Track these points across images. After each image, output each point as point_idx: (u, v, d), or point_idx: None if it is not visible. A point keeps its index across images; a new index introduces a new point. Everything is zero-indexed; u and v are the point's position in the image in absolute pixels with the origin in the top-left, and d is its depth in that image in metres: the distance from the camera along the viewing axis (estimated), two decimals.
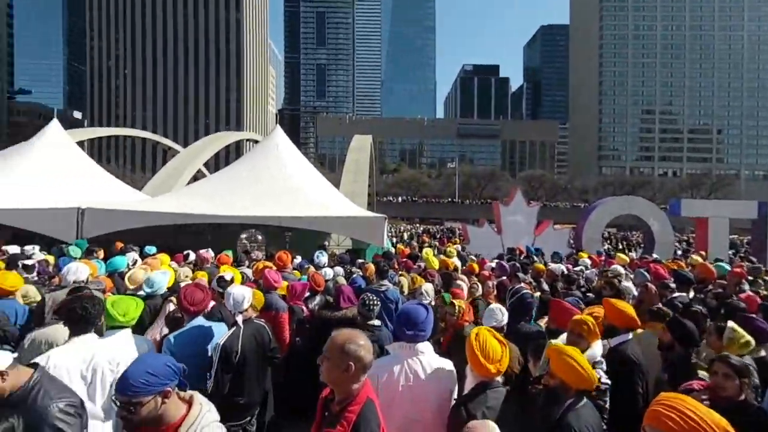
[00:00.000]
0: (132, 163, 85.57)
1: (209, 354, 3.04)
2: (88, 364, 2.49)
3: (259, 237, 10.51)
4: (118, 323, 2.78)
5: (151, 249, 7.07)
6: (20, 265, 5.18)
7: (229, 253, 6.38)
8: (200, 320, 3.19)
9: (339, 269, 5.95)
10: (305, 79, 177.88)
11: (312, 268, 6.28)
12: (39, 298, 4.04)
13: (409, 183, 78.81)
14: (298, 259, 7.21)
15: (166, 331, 3.54)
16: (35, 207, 8.48)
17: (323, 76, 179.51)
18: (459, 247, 12.11)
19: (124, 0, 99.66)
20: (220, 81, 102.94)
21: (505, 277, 5.74)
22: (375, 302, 3.47)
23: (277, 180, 9.91)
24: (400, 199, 69.45)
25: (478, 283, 5.24)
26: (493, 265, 7.11)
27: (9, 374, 1.85)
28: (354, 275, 5.74)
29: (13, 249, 6.71)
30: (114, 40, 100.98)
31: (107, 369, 2.54)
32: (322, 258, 6.82)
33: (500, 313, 3.33)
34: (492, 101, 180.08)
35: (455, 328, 3.56)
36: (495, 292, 4.94)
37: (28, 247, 7.01)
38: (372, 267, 5.66)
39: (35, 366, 2.03)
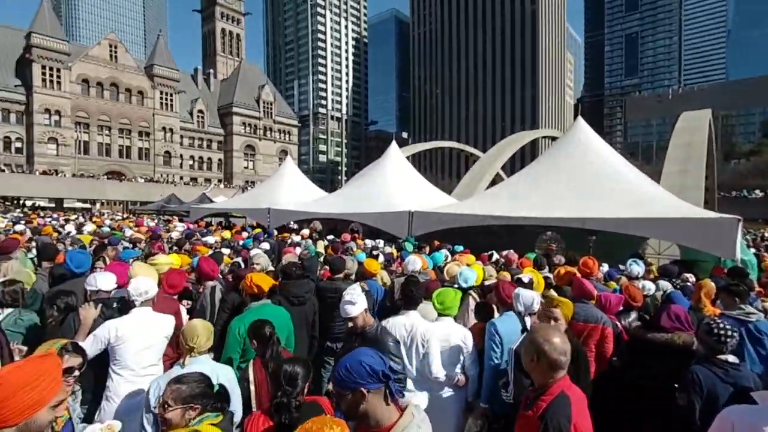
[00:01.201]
0: (442, 170, 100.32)
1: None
2: (408, 332, 3.23)
3: (561, 241, 10.02)
4: (439, 312, 3.32)
5: (458, 248, 8.01)
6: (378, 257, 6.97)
7: (531, 255, 6.40)
8: (511, 313, 3.34)
9: (664, 283, 4.90)
10: (610, 56, 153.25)
11: (624, 279, 5.46)
12: (389, 282, 5.31)
13: None
14: (605, 267, 6.43)
15: (472, 320, 3.92)
16: (381, 210, 11.27)
17: (634, 48, 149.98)
18: None
19: (437, 28, 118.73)
20: (515, 81, 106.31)
21: None
22: (731, 333, 2.64)
23: (579, 177, 9.19)
24: (759, 192, 49.59)
25: None
26: None
27: (367, 314, 3.01)
28: (669, 291, 4.60)
29: (369, 243, 9.16)
30: (429, 66, 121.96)
31: (419, 341, 3.17)
32: (637, 268, 5.79)
33: None
34: None
35: None
36: None
37: (378, 241, 9.41)
38: (709, 285, 4.35)
39: (374, 317, 3.14)
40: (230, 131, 66.74)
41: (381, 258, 6.98)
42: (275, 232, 11.31)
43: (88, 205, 42.01)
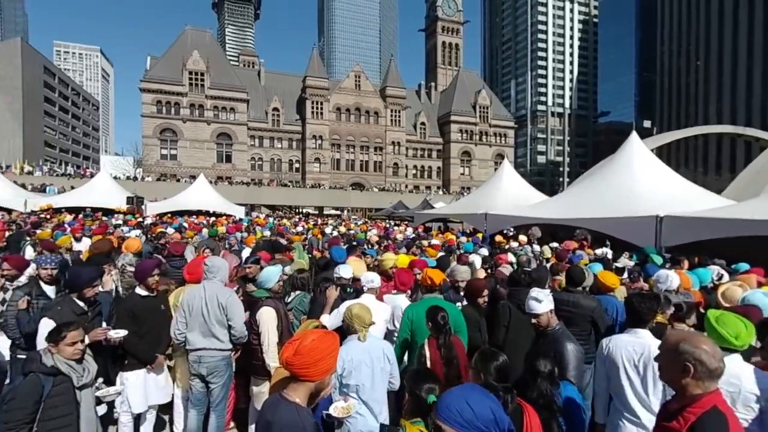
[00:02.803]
0: (704, 164, 78.70)
1: None
2: (639, 355, 2.68)
3: None
4: (724, 345, 2.41)
5: (742, 266, 5.93)
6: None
7: None
8: None
9: None
10: None
11: None
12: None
13: None
14: None
15: None
16: (617, 215, 9.55)
17: None
18: None
19: None
20: None
21: None
22: None
23: None
24: None
25: None
26: None
27: (552, 315, 3.03)
28: None
29: (599, 252, 7.89)
30: (685, 37, 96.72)
31: (656, 367, 2.51)
32: None
33: None
34: None
35: None
36: None
37: (603, 250, 8.04)
38: None
39: (558, 320, 3.13)
40: (448, 139, 70.50)
41: (626, 274, 5.89)
42: (496, 238, 11.12)
43: (338, 212, 51.89)
